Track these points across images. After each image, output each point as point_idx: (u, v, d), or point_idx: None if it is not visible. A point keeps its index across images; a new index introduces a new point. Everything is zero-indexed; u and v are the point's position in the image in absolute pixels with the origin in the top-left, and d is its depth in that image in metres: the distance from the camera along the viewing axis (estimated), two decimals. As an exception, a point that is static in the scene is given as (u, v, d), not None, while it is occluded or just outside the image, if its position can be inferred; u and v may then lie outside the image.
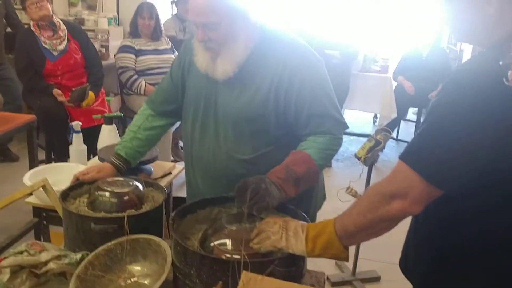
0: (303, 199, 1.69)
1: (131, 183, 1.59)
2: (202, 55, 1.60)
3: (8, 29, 4.42)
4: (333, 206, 1.95)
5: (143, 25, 4.09)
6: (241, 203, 1.39)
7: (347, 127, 1.66)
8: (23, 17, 4.46)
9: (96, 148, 2.50)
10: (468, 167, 0.98)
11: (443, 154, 0.98)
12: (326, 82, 1.63)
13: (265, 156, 1.65)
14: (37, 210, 2.12)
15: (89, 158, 2.51)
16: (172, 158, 4.15)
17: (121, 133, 3.72)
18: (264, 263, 1.20)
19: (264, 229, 1.25)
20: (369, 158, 2.55)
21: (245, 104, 1.60)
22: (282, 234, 1.21)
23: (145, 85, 3.99)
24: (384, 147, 2.50)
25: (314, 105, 1.58)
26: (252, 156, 1.65)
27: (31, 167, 3.17)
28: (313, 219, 1.80)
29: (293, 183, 1.48)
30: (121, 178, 1.64)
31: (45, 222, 2.11)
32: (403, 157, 1.05)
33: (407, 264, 1.30)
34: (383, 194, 1.06)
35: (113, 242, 1.41)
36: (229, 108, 1.63)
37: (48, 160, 3.75)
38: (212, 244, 1.30)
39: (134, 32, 4.15)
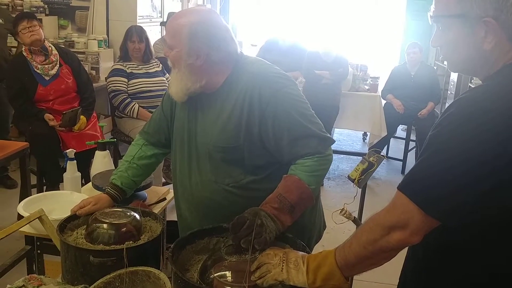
0: (304, 231, 1.69)
1: (128, 213, 1.59)
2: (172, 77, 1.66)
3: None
4: (328, 228, 1.96)
5: (133, 49, 4.07)
6: (237, 240, 1.36)
7: (333, 141, 1.63)
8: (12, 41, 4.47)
9: (89, 174, 2.48)
10: (468, 199, 0.98)
11: (442, 187, 0.98)
12: (301, 102, 1.60)
13: (247, 186, 1.64)
14: (29, 238, 2.10)
15: (82, 184, 2.50)
16: (163, 180, 4.13)
17: (112, 156, 3.71)
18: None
19: (264, 261, 1.26)
20: (363, 180, 2.56)
21: (218, 134, 1.60)
22: (283, 266, 1.21)
23: (138, 108, 3.98)
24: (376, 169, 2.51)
25: (292, 130, 1.55)
26: (233, 185, 1.64)
27: (23, 195, 3.14)
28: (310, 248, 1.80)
29: (288, 212, 1.47)
30: (118, 209, 1.64)
31: (39, 251, 2.09)
32: (402, 187, 1.05)
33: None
34: (383, 226, 1.07)
35: (112, 274, 1.40)
36: (204, 138, 1.64)
37: (39, 186, 3.72)
38: (212, 276, 1.30)
39: (124, 56, 4.13)
